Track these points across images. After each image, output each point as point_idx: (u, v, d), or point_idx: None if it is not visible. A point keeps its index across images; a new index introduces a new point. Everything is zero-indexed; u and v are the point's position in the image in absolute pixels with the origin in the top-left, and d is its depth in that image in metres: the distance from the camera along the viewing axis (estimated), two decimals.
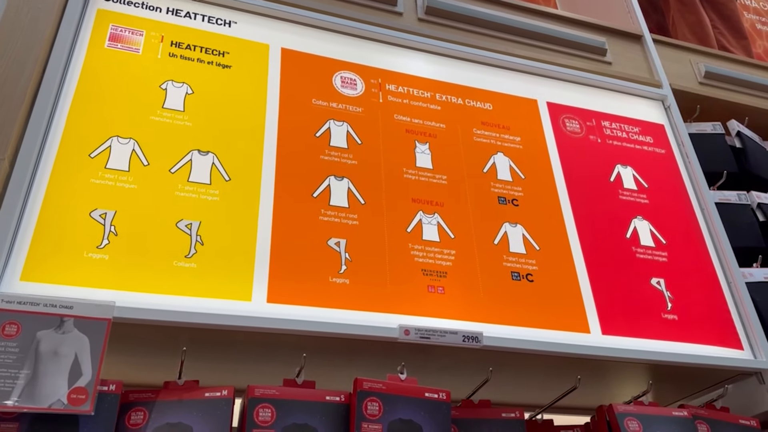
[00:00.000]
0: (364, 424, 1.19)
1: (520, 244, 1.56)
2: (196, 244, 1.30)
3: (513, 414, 1.36)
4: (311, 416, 1.20)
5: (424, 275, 1.44)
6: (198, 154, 1.41)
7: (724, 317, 1.61)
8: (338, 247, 1.42)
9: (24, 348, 1.04)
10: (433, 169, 1.60)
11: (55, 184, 1.26)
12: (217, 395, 1.17)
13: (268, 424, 1.16)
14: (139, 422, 1.12)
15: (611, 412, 1.37)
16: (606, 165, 1.81)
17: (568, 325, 1.46)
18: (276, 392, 1.21)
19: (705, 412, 1.45)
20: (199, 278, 1.26)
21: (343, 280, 1.37)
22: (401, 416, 1.22)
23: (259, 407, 1.18)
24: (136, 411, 1.13)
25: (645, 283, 1.60)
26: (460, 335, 1.34)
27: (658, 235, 1.71)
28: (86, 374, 1.05)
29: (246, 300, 1.28)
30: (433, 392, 1.28)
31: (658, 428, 1.35)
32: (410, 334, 1.32)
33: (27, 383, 1.02)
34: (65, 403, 1.02)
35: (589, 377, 1.48)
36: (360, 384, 1.23)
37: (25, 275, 1.15)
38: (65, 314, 1.09)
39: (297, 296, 1.32)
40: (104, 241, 1.24)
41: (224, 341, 1.29)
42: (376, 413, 1.21)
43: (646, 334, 1.50)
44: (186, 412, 1.14)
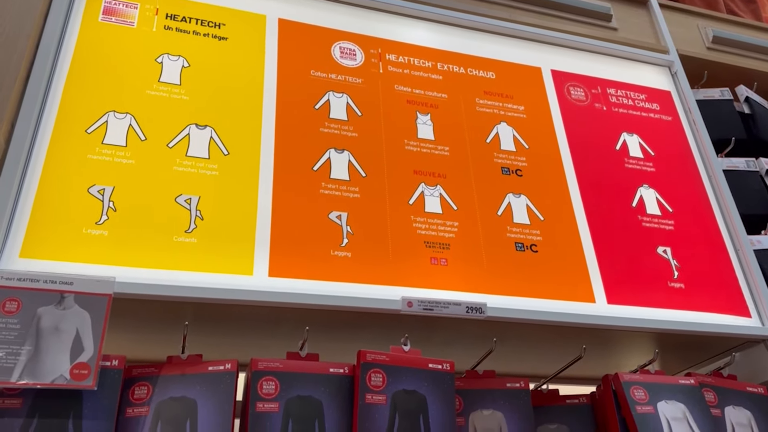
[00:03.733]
0: (368, 395, 1.18)
1: (524, 215, 1.54)
2: (196, 219, 1.29)
3: (518, 384, 1.35)
4: (315, 388, 1.20)
5: (426, 247, 1.42)
6: (196, 128, 1.39)
7: (732, 285, 1.60)
8: (339, 221, 1.40)
9: (25, 324, 1.04)
10: (435, 141, 1.58)
11: (52, 160, 1.25)
12: (221, 369, 1.17)
13: (272, 396, 1.16)
14: (143, 397, 1.12)
15: (617, 381, 1.37)
16: (611, 133, 1.78)
17: (573, 294, 1.45)
18: (279, 365, 1.20)
19: (712, 380, 1.44)
20: (200, 253, 1.25)
21: (345, 253, 1.36)
22: (405, 387, 1.22)
23: (263, 380, 1.17)
24: (139, 386, 1.13)
25: (651, 251, 1.58)
26: (463, 306, 1.33)
27: (664, 203, 1.69)
28: (88, 350, 1.05)
29: (247, 274, 1.27)
30: (437, 363, 1.27)
31: (665, 396, 1.34)
32: (413, 306, 1.31)
33: (29, 359, 1.02)
34: (68, 378, 1.02)
35: (594, 347, 1.47)
36: (363, 356, 1.22)
37: (24, 252, 1.15)
38: (65, 290, 1.08)
39: (299, 270, 1.31)
40: (103, 217, 1.23)
41: (226, 316, 1.29)
42: (380, 384, 1.20)
43: (652, 303, 1.49)
44: (190, 386, 1.14)
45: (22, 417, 1.01)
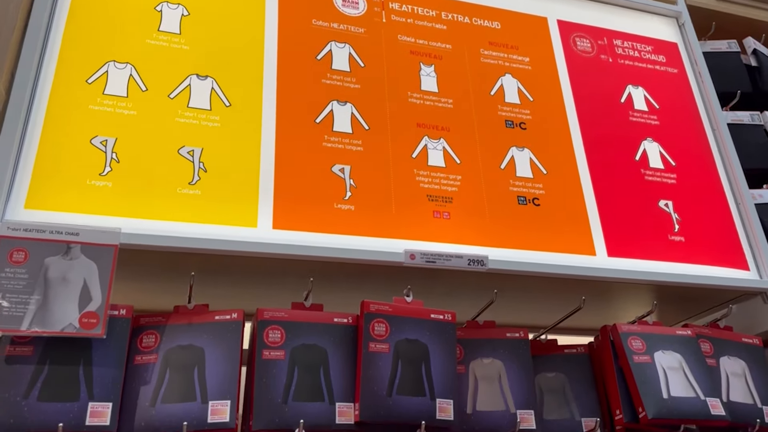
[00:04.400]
0: (371, 343, 1.21)
1: (527, 169, 1.53)
2: (200, 171, 1.29)
3: (517, 334, 1.38)
4: (320, 337, 1.22)
5: (429, 201, 1.43)
6: (197, 78, 1.37)
7: (732, 238, 1.61)
8: (342, 174, 1.40)
9: (33, 274, 1.05)
10: (439, 93, 1.56)
11: (54, 110, 1.24)
12: (227, 318, 1.19)
13: (278, 344, 1.18)
14: (151, 345, 1.14)
15: (615, 331, 1.39)
16: (617, 85, 1.76)
17: (574, 247, 1.46)
18: (285, 315, 1.23)
19: (708, 331, 1.47)
20: (204, 205, 1.26)
21: (348, 206, 1.37)
22: (407, 336, 1.24)
23: (269, 329, 1.20)
24: (147, 334, 1.15)
25: (653, 205, 1.59)
26: (465, 259, 1.34)
27: (667, 157, 1.69)
28: (96, 299, 1.07)
29: (252, 226, 1.28)
30: (439, 314, 1.30)
31: (662, 346, 1.37)
32: (416, 258, 1.32)
33: (38, 308, 1.03)
34: (77, 327, 1.04)
35: (593, 299, 1.49)
36: (367, 306, 1.24)
37: (29, 203, 1.15)
38: (71, 241, 1.09)
39: (302, 222, 1.32)
40: (106, 168, 1.22)
41: (231, 267, 1.30)
42: (383, 333, 1.23)
43: (652, 256, 1.50)
44: (197, 335, 1.16)
45: (32, 364, 1.04)
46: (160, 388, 1.10)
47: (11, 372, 1.03)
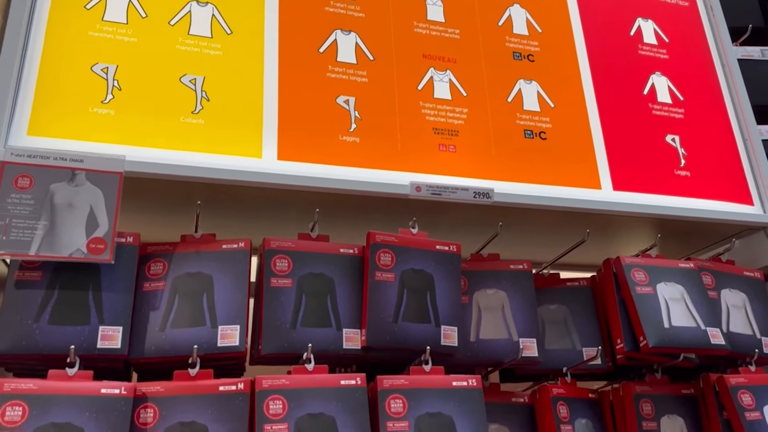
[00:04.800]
0: (377, 272, 1.22)
1: (535, 102, 1.51)
2: (202, 100, 1.27)
3: (521, 266, 1.39)
4: (326, 267, 1.23)
5: (435, 134, 1.41)
6: (197, 5, 1.34)
7: (737, 173, 1.60)
8: (347, 105, 1.38)
9: (38, 200, 1.05)
10: (445, 23, 1.53)
11: (52, 36, 1.21)
12: (235, 247, 1.19)
13: (286, 273, 1.19)
14: (159, 272, 1.15)
15: (618, 263, 1.40)
16: (626, 18, 1.72)
17: (580, 181, 1.45)
18: (291, 245, 1.23)
19: (710, 265, 1.48)
20: (208, 134, 1.24)
21: (353, 138, 1.35)
22: (413, 266, 1.25)
23: (276, 258, 1.20)
24: (155, 262, 1.16)
25: (660, 139, 1.58)
26: (471, 191, 1.34)
27: (676, 91, 1.66)
28: (103, 225, 1.07)
29: (256, 157, 1.27)
30: (444, 245, 1.30)
31: (664, 278, 1.39)
32: (422, 190, 1.32)
33: (45, 234, 1.03)
34: (85, 252, 1.04)
35: (597, 234, 1.49)
36: (373, 237, 1.25)
37: (32, 130, 1.14)
38: (76, 167, 1.08)
39: (307, 154, 1.31)
40: (108, 95, 1.20)
41: (237, 198, 1.30)
42: (389, 263, 1.23)
43: (658, 190, 1.50)
44: (205, 263, 1.16)
45: (42, 289, 1.05)
46: (169, 314, 1.11)
47: (21, 296, 1.03)
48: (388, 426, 1.11)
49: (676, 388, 1.39)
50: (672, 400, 1.37)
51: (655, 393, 1.36)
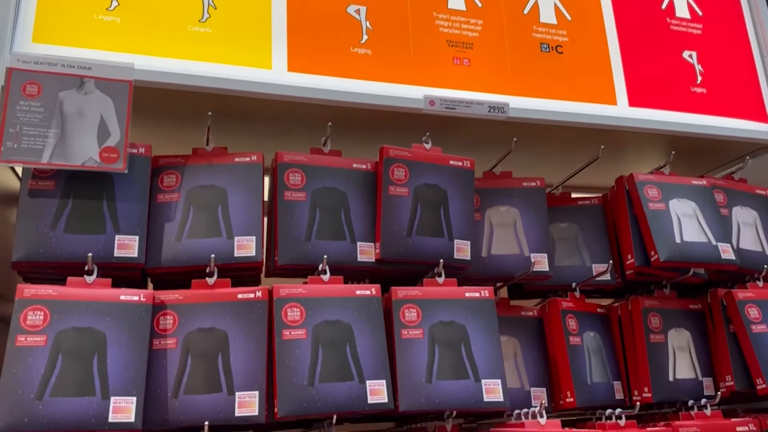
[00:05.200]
0: (390, 187, 1.21)
1: (551, 14, 1.47)
2: (209, 8, 1.22)
3: (534, 183, 1.38)
4: (339, 181, 1.22)
5: (449, 46, 1.37)
6: None
7: (754, 91, 1.57)
8: (358, 15, 1.34)
9: (48, 108, 1.03)
10: None
11: None
12: (247, 160, 1.18)
13: (299, 187, 1.19)
14: (172, 184, 1.14)
15: (631, 180, 1.39)
16: None
17: (596, 96, 1.43)
18: (304, 159, 1.22)
19: (723, 182, 1.48)
20: (216, 43, 1.21)
21: (365, 50, 1.32)
22: (426, 181, 1.24)
23: (289, 172, 1.19)
24: (167, 174, 1.15)
25: (677, 55, 1.54)
26: (485, 106, 1.32)
27: (694, 6, 1.61)
28: (114, 134, 1.05)
29: (266, 68, 1.24)
30: (458, 160, 1.29)
31: (677, 195, 1.38)
32: (435, 104, 1.30)
33: (57, 142, 1.02)
34: (98, 161, 1.03)
35: (610, 153, 1.47)
36: (386, 151, 1.23)
37: (36, 37, 1.10)
38: (84, 75, 1.06)
39: (318, 66, 1.27)
40: (113, 2, 1.16)
41: (247, 111, 1.27)
42: (402, 178, 1.23)
43: (673, 107, 1.48)
44: (218, 175, 1.15)
45: (56, 198, 1.04)
46: (185, 225, 1.11)
47: (36, 205, 1.03)
48: (403, 333, 1.13)
49: (683, 302, 1.41)
50: (679, 314, 1.39)
51: (663, 307, 1.38)
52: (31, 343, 0.92)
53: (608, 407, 1.28)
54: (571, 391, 1.26)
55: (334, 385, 1.04)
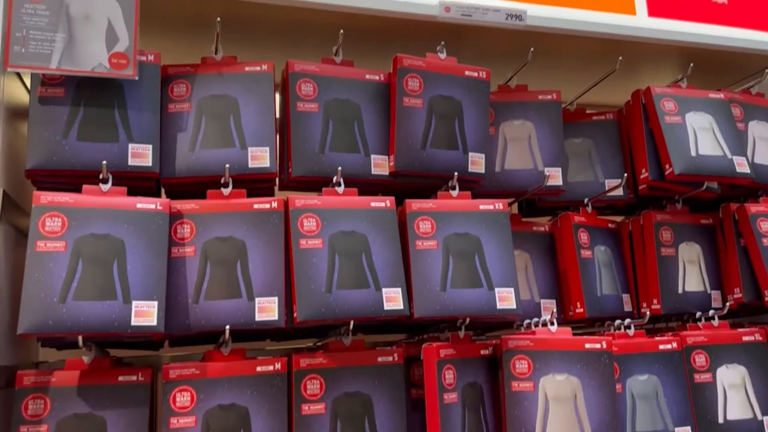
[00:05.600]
0: (405, 98, 1.19)
1: None
2: None
3: (550, 96, 1.36)
4: (352, 92, 1.20)
5: None
6: None
7: None
8: None
9: (54, 11, 0.99)
10: None
11: None
12: (257, 70, 1.15)
13: (311, 97, 1.16)
14: (183, 94, 1.12)
15: (648, 93, 1.37)
16: None
17: (615, 5, 1.38)
18: (316, 68, 1.19)
19: (740, 97, 1.45)
20: None
21: None
22: (441, 92, 1.22)
23: (301, 82, 1.17)
24: (177, 83, 1.12)
25: None
26: (503, 13, 1.28)
27: None
28: (123, 39, 1.02)
29: None
30: (473, 70, 1.26)
31: (694, 108, 1.36)
32: (451, 11, 1.25)
33: (65, 47, 0.99)
34: (107, 67, 1.01)
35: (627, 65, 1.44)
36: (400, 61, 1.20)
37: None
38: None
39: None
40: None
41: (255, 22, 1.23)
42: (416, 89, 1.20)
43: (693, 17, 1.43)
44: (228, 85, 1.13)
45: (66, 105, 1.02)
46: (197, 135, 1.09)
47: (46, 113, 1.01)
48: (417, 244, 1.13)
49: (695, 217, 1.42)
50: (691, 228, 1.40)
51: (674, 221, 1.38)
52: (50, 249, 0.93)
53: (617, 319, 1.31)
54: (581, 302, 1.28)
55: (351, 292, 1.05)
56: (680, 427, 1.20)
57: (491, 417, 1.15)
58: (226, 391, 1.00)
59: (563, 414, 1.10)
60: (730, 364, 1.26)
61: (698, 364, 1.26)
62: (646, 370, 1.23)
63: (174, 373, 0.99)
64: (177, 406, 0.97)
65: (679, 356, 1.24)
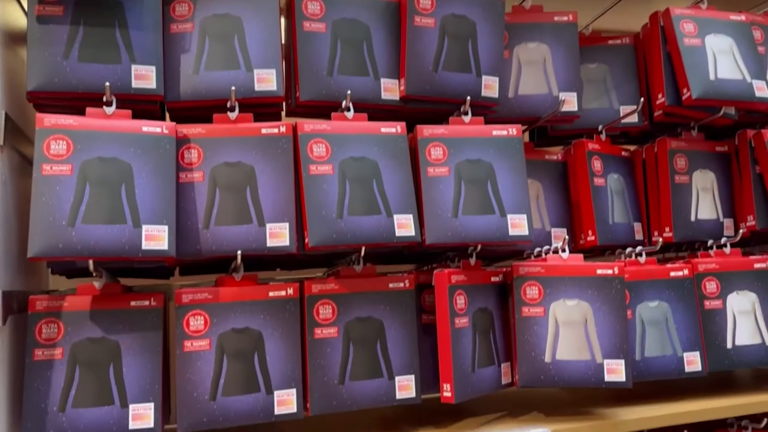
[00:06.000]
0: (416, 17, 1.14)
1: None
2: None
3: (566, 17, 1.31)
4: (360, 12, 1.15)
5: None
6: None
7: None
8: None
9: None
10: None
11: None
12: None
13: (318, 17, 1.12)
14: (185, 14, 1.07)
15: (667, 15, 1.32)
16: None
17: None
18: None
19: (761, 19, 1.40)
20: None
21: None
22: (454, 11, 1.17)
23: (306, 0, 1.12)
24: (179, 2, 1.07)
25: None
26: None
27: None
28: None
29: None
30: None
31: (713, 30, 1.31)
32: None
33: None
34: None
35: None
36: None
37: None
38: None
39: None
40: None
41: None
42: (428, 7, 1.15)
43: None
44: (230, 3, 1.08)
45: (66, 24, 0.98)
46: (201, 57, 1.05)
47: (45, 32, 0.97)
48: (429, 171, 1.11)
49: (710, 144, 1.39)
50: (705, 155, 1.37)
51: (689, 149, 1.36)
52: (57, 172, 0.91)
53: (628, 247, 1.30)
54: (593, 230, 1.27)
55: (362, 218, 1.03)
56: (689, 352, 1.21)
57: (501, 341, 1.16)
58: (239, 315, 1.00)
59: (573, 338, 1.11)
60: (740, 291, 1.26)
61: (709, 291, 1.26)
62: (657, 297, 1.23)
63: (187, 297, 0.98)
64: (190, 329, 0.98)
65: (690, 283, 1.24)
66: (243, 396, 0.98)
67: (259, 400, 0.99)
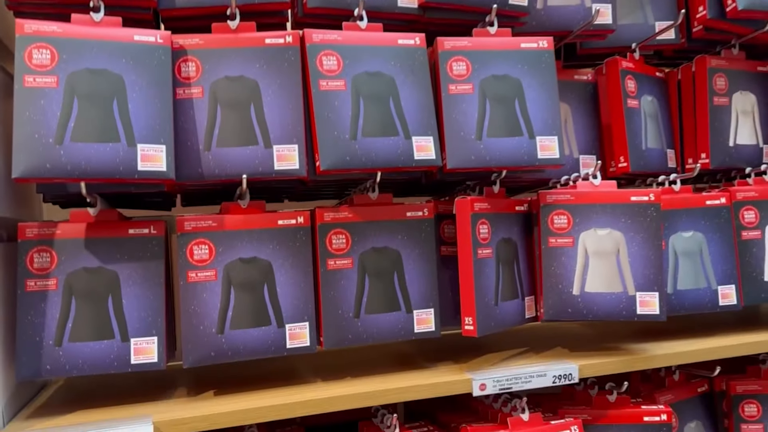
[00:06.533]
0: None
1: None
2: None
3: None
4: None
5: None
6: None
7: None
8: None
9: None
10: None
11: None
12: None
13: None
14: None
15: None
16: None
17: None
18: None
19: None
20: None
21: None
22: None
23: None
24: None
25: None
26: None
27: None
28: None
29: None
30: None
31: None
32: None
33: None
34: None
35: None
36: None
37: None
38: None
39: None
40: None
41: None
42: None
43: None
44: None
45: None
46: None
47: None
48: (450, 89, 1.01)
49: (752, 64, 1.28)
50: (747, 76, 1.27)
51: (730, 68, 1.25)
52: (40, 84, 0.81)
53: (661, 175, 1.21)
54: (625, 156, 1.18)
55: (378, 139, 0.94)
56: (724, 285, 1.14)
57: (525, 273, 1.09)
58: (247, 244, 0.92)
59: (604, 269, 1.04)
60: None
61: (747, 221, 1.17)
62: (691, 227, 1.15)
63: (189, 225, 0.91)
64: (195, 259, 0.90)
65: (727, 212, 1.16)
66: (253, 329, 0.91)
67: (270, 334, 0.92)
